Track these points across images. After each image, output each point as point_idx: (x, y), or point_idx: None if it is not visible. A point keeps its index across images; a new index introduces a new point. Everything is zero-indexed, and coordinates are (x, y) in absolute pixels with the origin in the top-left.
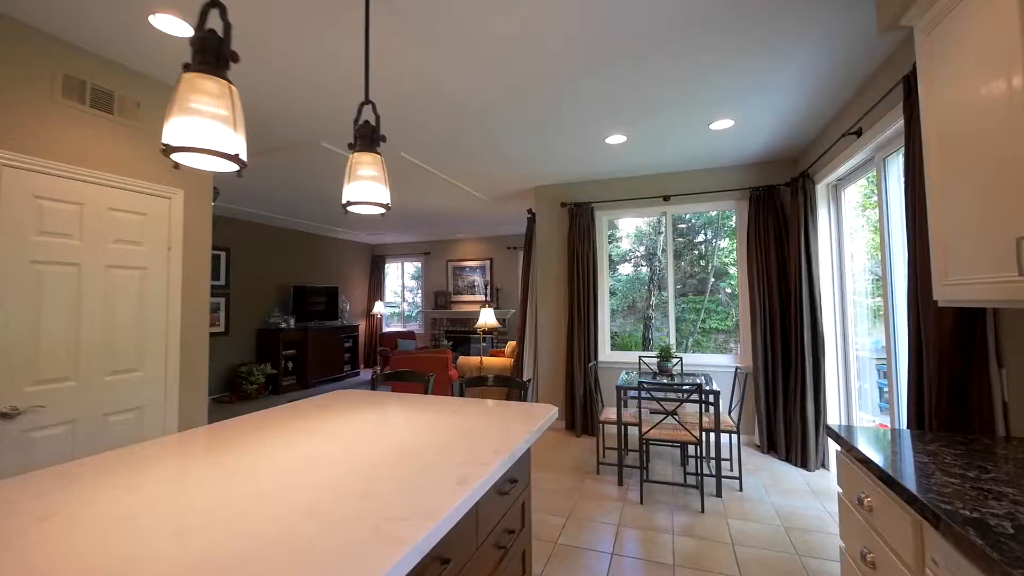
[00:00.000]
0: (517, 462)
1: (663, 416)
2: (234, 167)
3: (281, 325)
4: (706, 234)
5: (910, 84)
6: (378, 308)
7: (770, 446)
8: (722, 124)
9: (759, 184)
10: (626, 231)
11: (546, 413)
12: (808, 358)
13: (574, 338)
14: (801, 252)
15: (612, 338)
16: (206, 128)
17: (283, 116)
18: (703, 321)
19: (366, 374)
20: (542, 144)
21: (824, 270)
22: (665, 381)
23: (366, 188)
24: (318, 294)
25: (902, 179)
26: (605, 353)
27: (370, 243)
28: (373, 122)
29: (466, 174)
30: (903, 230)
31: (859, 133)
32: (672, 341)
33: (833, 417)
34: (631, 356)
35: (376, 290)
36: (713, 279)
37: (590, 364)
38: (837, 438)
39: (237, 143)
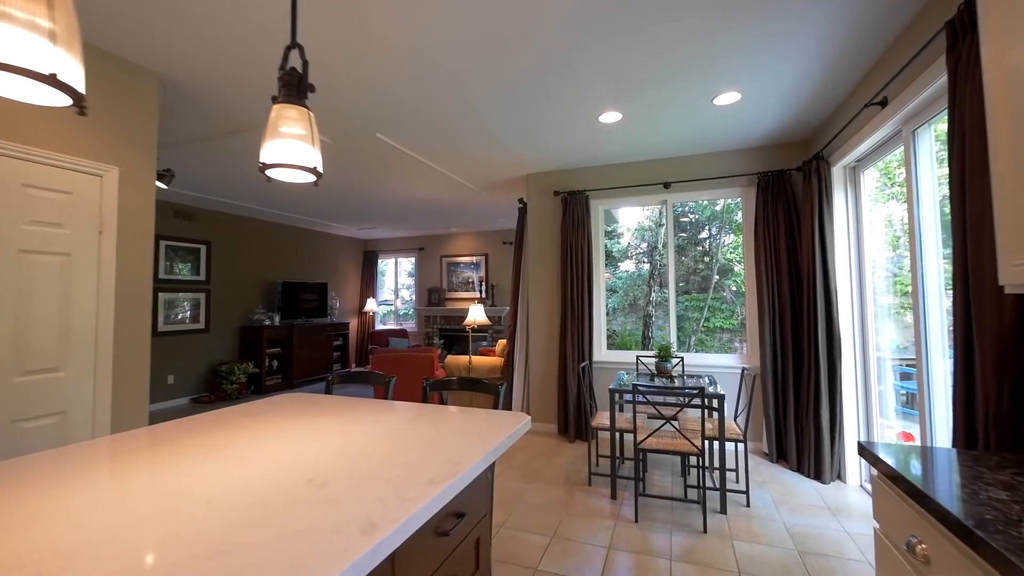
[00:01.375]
0: (466, 491)
1: (661, 423)
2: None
3: (265, 322)
4: (710, 230)
5: (955, 30)
6: (370, 305)
7: (779, 454)
8: (727, 98)
9: (768, 169)
10: (627, 226)
11: (513, 425)
12: (823, 358)
13: (567, 336)
14: (815, 242)
15: (611, 337)
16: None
17: (240, 91)
18: (707, 320)
19: None
20: (530, 123)
21: (840, 261)
22: (663, 383)
23: (290, 148)
24: (306, 290)
25: (933, 150)
26: (601, 352)
27: (362, 238)
28: (300, 69)
29: (451, 160)
30: (936, 212)
31: (884, 103)
32: (673, 340)
33: (850, 424)
34: (628, 356)
35: (368, 287)
36: (717, 276)
37: (582, 364)
38: (876, 461)
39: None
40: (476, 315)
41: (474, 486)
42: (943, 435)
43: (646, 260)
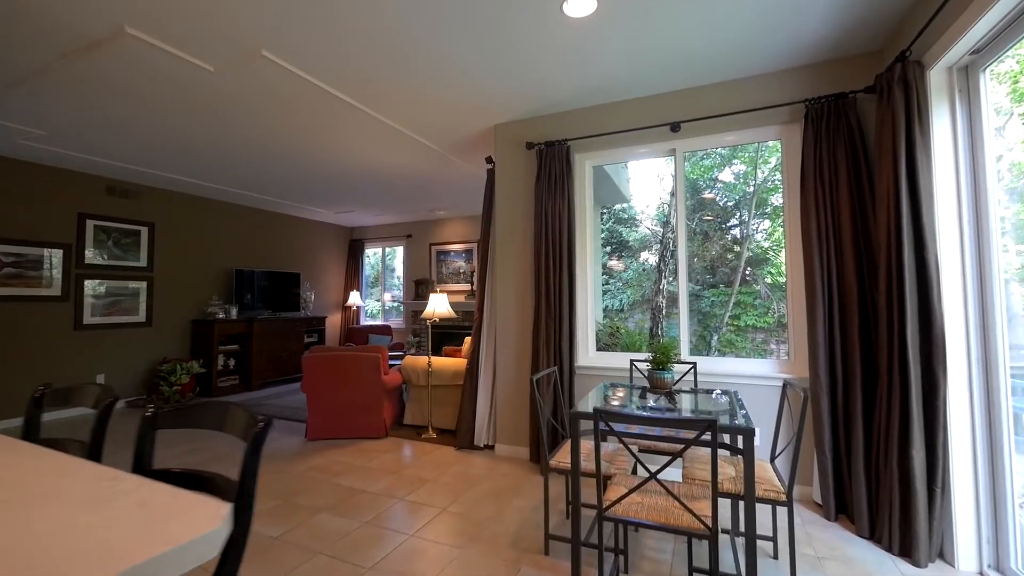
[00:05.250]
0: None
1: (658, 468)
2: None
3: (218, 315)
4: (740, 215)
5: None
6: (353, 299)
7: (840, 509)
8: None
9: (820, 94)
10: (646, 213)
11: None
12: (914, 370)
13: (542, 333)
14: (900, 195)
15: (615, 335)
16: None
17: None
18: (736, 316)
19: None
20: (467, 23)
21: (946, 222)
22: (663, 405)
23: None
24: (274, 280)
25: None
26: (588, 355)
27: (345, 225)
28: None
29: (386, 95)
30: None
31: None
32: (684, 339)
33: (963, 471)
34: (623, 359)
35: (353, 278)
36: (749, 268)
37: (538, 375)
38: None
39: None
40: (436, 306)
41: None
42: None
43: (658, 243)
